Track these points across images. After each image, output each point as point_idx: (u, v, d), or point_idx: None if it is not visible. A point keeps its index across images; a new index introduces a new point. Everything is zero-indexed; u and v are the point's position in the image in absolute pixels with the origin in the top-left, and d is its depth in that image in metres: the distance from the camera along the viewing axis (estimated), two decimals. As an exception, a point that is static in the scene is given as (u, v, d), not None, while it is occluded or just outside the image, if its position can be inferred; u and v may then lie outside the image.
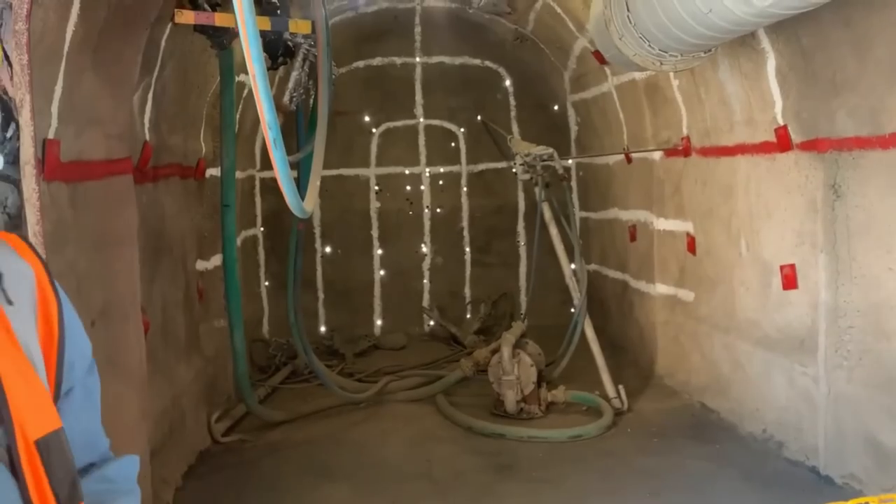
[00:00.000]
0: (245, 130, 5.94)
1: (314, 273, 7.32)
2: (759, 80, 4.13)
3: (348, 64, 7.19)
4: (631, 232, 6.10)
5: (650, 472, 4.04)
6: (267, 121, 1.88)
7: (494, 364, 5.08)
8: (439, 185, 7.54)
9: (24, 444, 0.84)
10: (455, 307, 7.44)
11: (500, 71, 7.47)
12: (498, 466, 4.24)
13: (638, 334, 6.08)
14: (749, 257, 4.51)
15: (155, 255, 3.87)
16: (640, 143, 5.80)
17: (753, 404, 4.48)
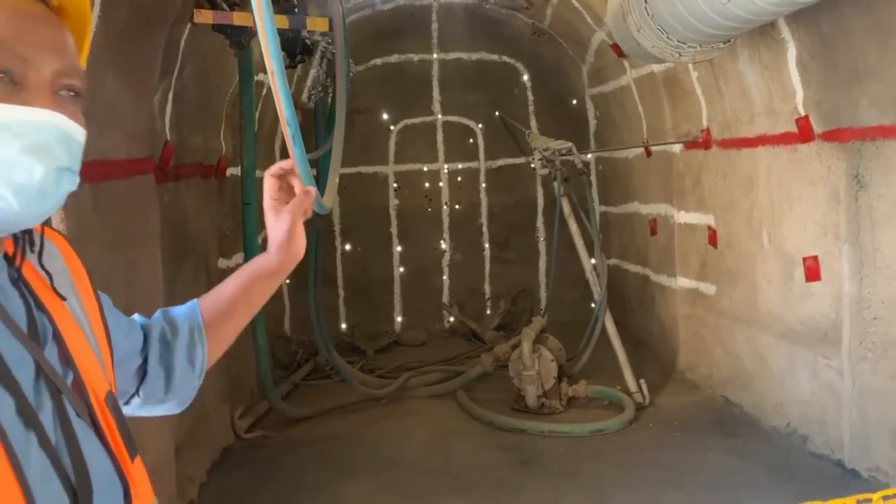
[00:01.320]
0: (264, 129, 5.97)
1: (335, 270, 7.35)
2: (780, 70, 4.09)
3: (366, 62, 7.21)
4: (651, 226, 6.07)
5: (672, 467, 4.02)
6: (285, 117, 1.89)
7: (515, 359, 5.09)
8: (458, 181, 7.54)
9: (96, 401, 0.92)
10: (475, 303, 7.45)
11: (518, 66, 7.46)
12: (519, 461, 4.24)
13: (659, 328, 6.05)
14: (771, 249, 4.47)
15: (177, 254, 3.91)
16: (659, 136, 5.77)
17: (777, 398, 4.44)
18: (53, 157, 0.85)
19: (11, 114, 0.83)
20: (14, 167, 0.83)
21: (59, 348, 0.92)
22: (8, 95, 0.84)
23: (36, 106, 0.85)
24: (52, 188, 0.86)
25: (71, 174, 0.89)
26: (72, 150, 0.89)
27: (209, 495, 3.83)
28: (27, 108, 0.84)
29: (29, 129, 0.84)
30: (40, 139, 0.85)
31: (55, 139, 0.86)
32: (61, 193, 0.88)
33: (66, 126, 0.88)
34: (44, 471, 0.81)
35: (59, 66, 0.89)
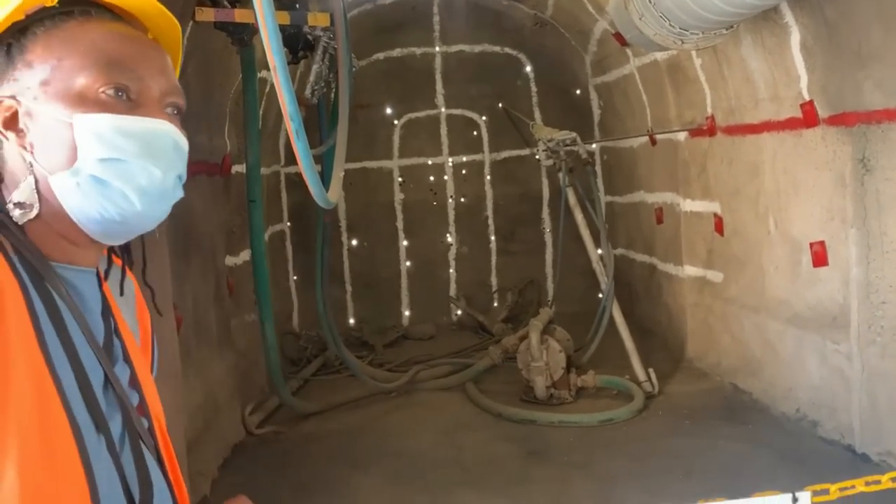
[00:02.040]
0: (268, 127, 5.99)
1: (341, 266, 7.37)
2: (783, 55, 4.07)
3: (368, 56, 7.20)
4: (657, 214, 6.06)
5: (683, 454, 4.02)
6: (288, 112, 1.90)
7: (523, 350, 5.09)
8: (462, 174, 7.54)
9: (161, 433, 0.98)
10: (482, 296, 7.46)
11: (521, 57, 7.44)
12: (529, 452, 4.25)
13: (667, 317, 6.04)
14: (777, 236, 4.46)
15: (185, 252, 3.92)
16: (663, 125, 5.75)
17: (786, 384, 4.44)
18: (169, 162, 0.94)
19: (132, 122, 0.92)
20: (136, 171, 0.91)
21: (130, 371, 0.98)
22: (127, 110, 0.93)
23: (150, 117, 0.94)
24: (169, 191, 0.94)
25: (180, 180, 0.97)
26: (182, 158, 0.97)
27: (222, 491, 3.85)
28: (147, 119, 0.93)
29: (148, 136, 0.92)
30: (158, 146, 0.93)
31: (171, 146, 0.95)
32: (175, 198, 0.96)
33: (177, 135, 0.96)
34: (110, 475, 0.86)
35: (166, 86, 0.98)
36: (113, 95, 0.91)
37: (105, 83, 0.91)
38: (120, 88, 0.92)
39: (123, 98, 0.92)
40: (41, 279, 0.88)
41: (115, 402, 0.91)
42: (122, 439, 0.90)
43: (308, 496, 3.83)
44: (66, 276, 0.92)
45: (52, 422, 0.81)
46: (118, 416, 0.90)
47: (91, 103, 0.90)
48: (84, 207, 0.90)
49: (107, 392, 0.90)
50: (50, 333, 0.85)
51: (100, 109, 0.90)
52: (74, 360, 0.86)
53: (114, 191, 0.90)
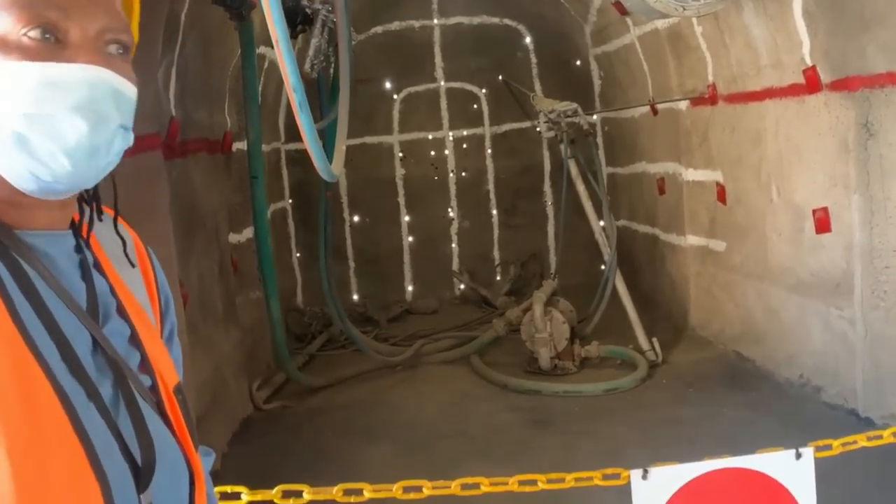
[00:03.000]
0: (267, 103, 5.97)
1: (344, 242, 7.38)
2: (786, 20, 4.04)
3: (366, 30, 7.15)
4: (659, 185, 6.05)
5: (687, 422, 4.06)
6: (291, 84, 1.90)
7: (527, 322, 5.11)
8: (463, 148, 7.52)
9: (165, 391, 0.92)
10: (484, 270, 7.47)
11: (520, 28, 7.38)
12: (534, 421, 4.29)
13: (670, 287, 6.06)
14: (780, 203, 4.46)
15: (188, 229, 3.93)
16: (665, 94, 5.73)
17: (789, 350, 4.46)
18: (103, 115, 0.83)
19: (57, 71, 0.81)
20: (63, 126, 0.81)
21: (130, 328, 0.93)
22: (52, 53, 0.82)
23: (81, 62, 0.83)
24: (103, 146, 0.84)
25: (124, 131, 0.87)
26: (122, 107, 0.86)
27: (231, 465, 3.90)
28: (73, 65, 0.82)
29: (76, 85, 0.82)
30: (88, 96, 0.82)
31: (104, 95, 0.84)
32: (115, 151, 0.86)
33: (115, 81, 0.85)
34: (106, 440, 0.82)
35: (105, 22, 0.86)
36: (38, 38, 0.81)
37: (27, 23, 0.81)
38: (46, 29, 0.81)
39: (51, 40, 0.81)
40: (6, 248, 0.82)
41: (105, 364, 0.86)
42: (116, 402, 0.85)
43: (316, 469, 3.87)
44: (32, 242, 0.85)
45: (36, 394, 0.77)
46: (109, 379, 0.85)
47: (13, 48, 0.80)
48: (13, 167, 0.82)
49: (95, 355, 0.86)
50: (22, 304, 0.80)
51: (22, 56, 0.80)
52: (52, 327, 0.81)
53: (40, 149, 0.81)
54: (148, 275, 1.05)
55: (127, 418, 0.85)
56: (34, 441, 0.75)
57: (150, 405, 0.89)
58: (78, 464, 0.78)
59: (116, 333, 0.90)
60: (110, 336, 0.88)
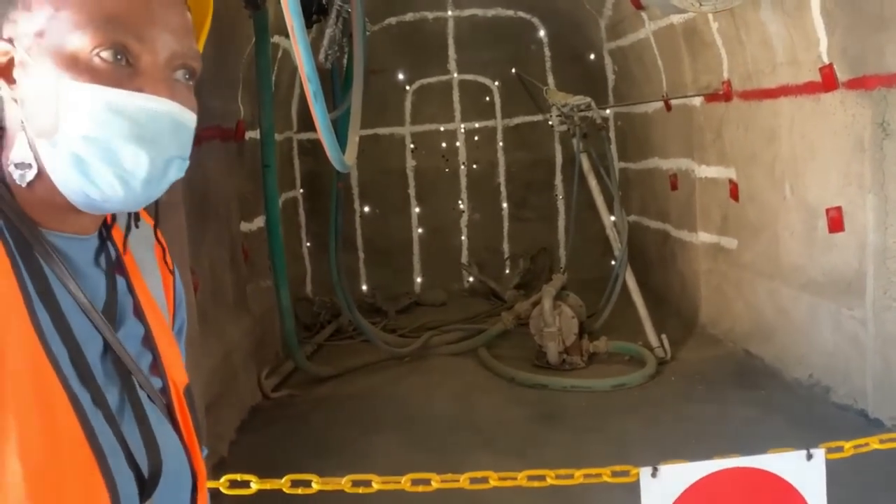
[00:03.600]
0: (280, 92, 5.97)
1: (354, 233, 7.39)
2: (803, 17, 4.00)
3: (380, 21, 7.13)
4: (672, 181, 6.03)
5: (694, 419, 4.05)
6: (307, 73, 1.90)
7: (535, 316, 5.11)
8: (475, 140, 7.50)
9: (175, 393, 0.92)
10: (494, 263, 7.47)
11: (534, 21, 7.35)
12: (542, 416, 4.29)
13: (680, 284, 6.04)
14: (793, 201, 4.44)
15: (201, 217, 3.94)
16: (679, 90, 5.69)
17: (799, 350, 4.44)
18: (162, 147, 0.83)
19: (125, 99, 0.81)
20: (123, 154, 0.81)
21: (144, 329, 0.92)
22: (121, 78, 0.81)
23: (150, 92, 0.82)
24: (158, 177, 0.84)
25: (180, 161, 0.87)
26: (181, 139, 0.86)
27: (239, 452, 3.92)
28: (141, 95, 0.81)
29: (142, 116, 0.81)
30: (152, 129, 0.82)
31: (167, 129, 0.83)
32: (167, 181, 0.86)
33: (179, 114, 0.85)
34: (113, 448, 0.81)
35: (176, 48, 0.85)
36: (109, 60, 0.80)
37: (100, 44, 0.80)
38: (118, 51, 0.81)
39: (122, 63, 0.81)
40: (30, 247, 0.82)
41: (113, 370, 0.85)
42: (122, 408, 0.85)
43: (324, 458, 3.88)
44: (57, 243, 0.85)
45: (52, 399, 0.77)
46: (116, 385, 0.85)
47: (83, 69, 0.80)
48: (65, 181, 0.82)
49: (105, 360, 0.85)
50: (39, 307, 0.80)
51: (90, 78, 0.80)
52: (65, 330, 0.81)
53: (95, 172, 0.81)
54: (165, 271, 1.06)
55: (133, 425, 0.85)
56: (48, 446, 0.75)
57: (160, 408, 0.89)
58: (89, 471, 0.78)
59: (131, 335, 0.90)
60: (125, 339, 0.88)
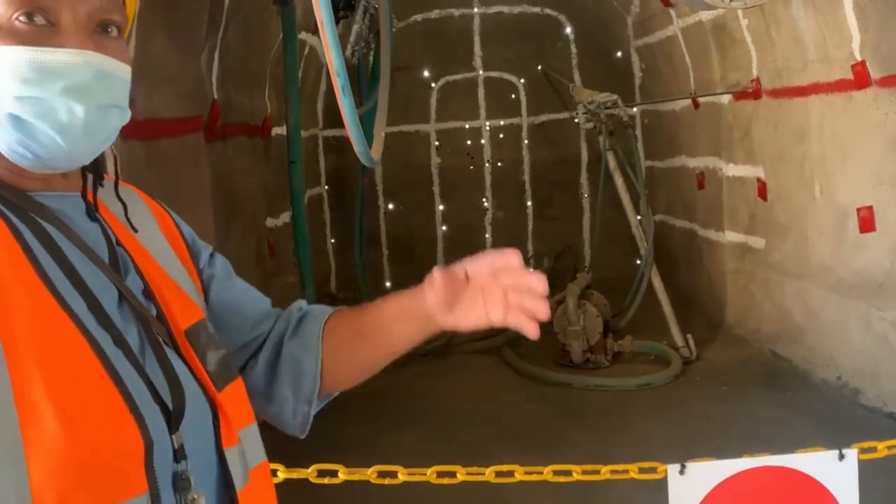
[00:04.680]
0: (307, 89, 6.00)
1: (378, 229, 7.40)
2: (835, 14, 3.94)
3: (406, 18, 7.14)
4: (699, 179, 5.97)
5: (721, 420, 4.01)
6: (335, 68, 1.90)
7: (560, 314, 5.09)
8: (499, 138, 7.48)
9: (177, 333, 0.96)
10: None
11: (561, 18, 7.31)
12: (566, 414, 4.28)
13: (706, 284, 5.98)
14: (823, 201, 4.37)
15: (227, 212, 3.98)
16: (707, 88, 5.64)
17: (827, 351, 4.38)
18: (93, 96, 0.87)
19: (49, 56, 0.84)
20: (56, 108, 0.85)
21: (143, 283, 0.96)
22: (43, 37, 0.85)
23: (73, 46, 0.86)
24: (97, 125, 0.88)
25: (118, 110, 0.91)
26: (113, 88, 0.90)
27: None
28: (63, 50, 0.85)
29: (67, 70, 0.85)
30: (79, 80, 0.86)
31: (94, 78, 0.87)
32: (109, 129, 0.90)
33: (104, 65, 0.88)
34: (137, 385, 0.85)
35: (96, 3, 0.89)
36: (28, 22, 0.84)
37: (19, 7, 0.84)
38: (35, 12, 0.84)
39: (41, 23, 0.85)
40: (24, 210, 0.87)
41: (130, 314, 0.90)
42: (143, 348, 0.89)
43: (346, 454, 3.87)
44: (47, 202, 0.90)
45: (68, 343, 0.81)
46: (134, 327, 0.89)
47: (5, 33, 0.84)
48: (9, 144, 0.86)
49: (121, 307, 0.90)
50: (46, 260, 0.84)
51: (14, 41, 0.84)
52: (77, 280, 0.86)
53: (35, 129, 0.85)
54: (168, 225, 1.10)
55: (155, 363, 0.89)
56: (75, 387, 0.79)
57: (173, 351, 0.93)
58: (115, 404, 0.81)
59: (134, 287, 0.94)
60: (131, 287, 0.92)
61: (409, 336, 1.15)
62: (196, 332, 0.99)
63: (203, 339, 0.99)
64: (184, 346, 0.96)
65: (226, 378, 0.99)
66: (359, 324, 1.17)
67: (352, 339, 1.16)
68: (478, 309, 1.04)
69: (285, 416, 1.18)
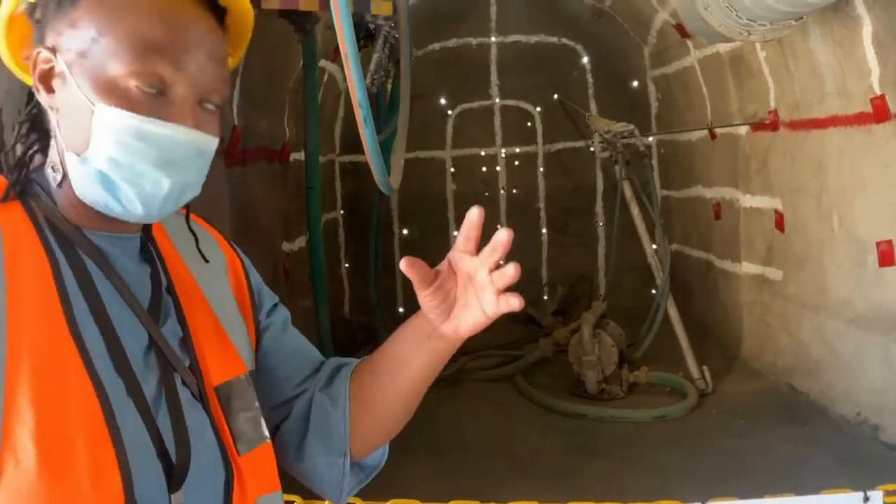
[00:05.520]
0: (325, 115, 6.05)
1: (392, 255, 7.41)
2: (854, 47, 3.95)
3: (424, 47, 7.21)
4: (715, 210, 5.95)
5: (736, 454, 3.96)
6: (357, 99, 1.92)
7: (574, 344, 5.06)
8: (515, 165, 7.51)
9: (209, 388, 0.94)
10: (532, 289, 7.42)
11: (577, 48, 7.36)
12: (580, 446, 4.23)
13: (722, 315, 5.94)
14: (841, 234, 4.34)
15: (245, 236, 4.00)
16: (724, 119, 5.64)
17: (846, 386, 4.33)
18: (183, 173, 0.89)
19: (154, 128, 0.86)
20: (145, 177, 0.86)
21: (184, 331, 0.95)
22: (153, 107, 0.86)
23: (178, 121, 0.87)
24: (176, 198, 0.90)
25: (196, 185, 0.92)
26: (201, 166, 0.92)
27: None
28: (170, 125, 0.86)
29: (167, 144, 0.86)
30: (175, 155, 0.87)
31: (189, 156, 0.89)
32: (183, 201, 0.92)
33: (204, 144, 0.90)
34: (140, 437, 0.83)
35: (209, 79, 0.90)
36: (143, 89, 0.85)
37: (137, 74, 0.85)
38: (153, 83, 0.85)
39: (154, 93, 0.86)
40: (72, 245, 0.87)
41: (154, 362, 0.89)
42: (159, 399, 0.87)
43: (359, 480, 3.87)
44: (99, 242, 0.90)
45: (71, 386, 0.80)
46: (155, 377, 0.88)
47: (118, 95, 0.85)
48: (89, 194, 0.87)
49: (148, 354, 0.89)
50: (77, 299, 0.84)
51: (124, 105, 0.84)
52: (104, 323, 0.85)
53: (119, 191, 0.86)
54: (236, 269, 1.10)
55: (167, 417, 0.87)
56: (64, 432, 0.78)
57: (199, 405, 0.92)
58: (103, 457, 0.79)
59: (171, 335, 0.93)
60: (167, 336, 0.91)
61: (422, 360, 1.08)
62: (229, 387, 0.97)
63: (236, 396, 0.97)
64: (213, 401, 0.94)
65: (253, 440, 0.97)
66: (374, 361, 1.13)
67: (371, 379, 1.11)
68: (473, 307, 0.99)
69: (319, 471, 1.10)
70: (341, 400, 1.09)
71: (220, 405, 0.94)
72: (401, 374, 1.10)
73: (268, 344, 1.11)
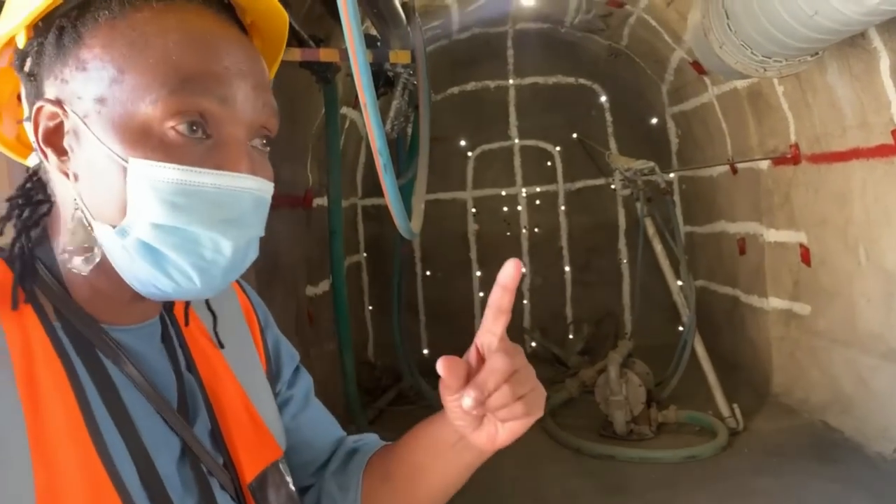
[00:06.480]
0: (347, 161, 6.14)
1: (415, 296, 7.43)
2: (872, 81, 3.95)
3: (443, 91, 7.32)
4: (739, 245, 5.91)
5: (769, 493, 3.87)
6: (378, 147, 1.96)
7: (601, 384, 5.01)
8: (536, 204, 7.53)
9: (244, 485, 0.84)
10: (557, 328, 7.38)
11: (595, 87, 7.43)
12: (609, 487, 4.17)
13: (751, 351, 5.86)
14: (869, 267, 4.29)
15: (270, 282, 4.04)
16: (744, 153, 5.64)
17: (881, 422, 4.23)
18: (245, 229, 0.72)
19: (204, 178, 0.69)
20: (200, 242, 0.69)
21: (212, 423, 0.82)
22: (199, 154, 0.69)
23: (230, 168, 0.71)
24: (239, 264, 0.73)
25: (257, 243, 0.76)
26: (262, 218, 0.76)
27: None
28: (222, 174, 0.70)
29: (223, 198, 0.70)
30: (234, 210, 0.71)
31: (249, 208, 0.72)
32: (247, 263, 0.75)
33: (263, 191, 0.74)
34: None
35: (258, 111, 0.75)
36: (185, 133, 0.69)
37: (175, 113, 0.68)
38: (195, 122, 0.69)
39: (198, 134, 0.69)
40: (91, 347, 0.71)
41: (191, 476, 0.75)
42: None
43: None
44: (122, 338, 0.75)
45: None
46: (193, 497, 0.75)
47: (154, 143, 0.68)
48: (133, 272, 0.71)
49: (182, 465, 0.75)
50: (100, 409, 0.69)
51: (163, 155, 0.68)
52: (134, 442, 0.70)
53: (169, 263, 0.69)
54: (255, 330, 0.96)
55: None
56: None
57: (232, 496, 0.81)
58: None
59: (202, 430, 0.80)
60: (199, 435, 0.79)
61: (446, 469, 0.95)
62: (265, 478, 0.85)
63: (272, 484, 0.85)
64: (248, 498, 0.83)
65: None
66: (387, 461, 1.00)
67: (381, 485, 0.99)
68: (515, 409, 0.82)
69: None
70: (352, 490, 0.97)
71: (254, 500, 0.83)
72: (419, 483, 0.96)
73: (287, 422, 0.97)
